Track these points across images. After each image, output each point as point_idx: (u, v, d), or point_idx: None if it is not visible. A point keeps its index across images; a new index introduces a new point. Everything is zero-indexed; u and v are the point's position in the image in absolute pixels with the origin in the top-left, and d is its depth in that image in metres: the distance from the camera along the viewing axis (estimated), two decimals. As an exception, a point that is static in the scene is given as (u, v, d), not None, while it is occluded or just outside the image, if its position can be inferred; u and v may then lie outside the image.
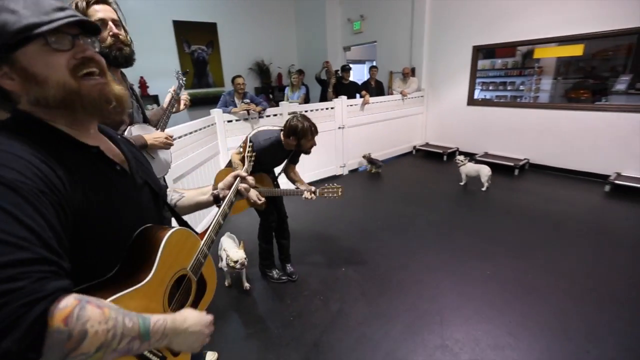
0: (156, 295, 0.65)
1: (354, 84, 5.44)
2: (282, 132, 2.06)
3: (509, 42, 4.76)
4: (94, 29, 0.62)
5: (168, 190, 0.97)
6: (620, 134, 3.89)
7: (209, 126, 3.35)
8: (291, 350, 1.76)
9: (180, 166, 2.66)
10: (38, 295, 0.43)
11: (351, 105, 4.76)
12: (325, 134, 4.50)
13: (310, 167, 4.43)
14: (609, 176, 3.87)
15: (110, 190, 0.64)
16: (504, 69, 6.34)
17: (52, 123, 0.59)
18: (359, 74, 9.74)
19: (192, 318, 0.65)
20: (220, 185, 0.98)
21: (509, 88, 6.35)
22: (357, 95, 5.28)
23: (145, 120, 1.54)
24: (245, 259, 2.09)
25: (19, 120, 0.58)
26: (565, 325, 1.83)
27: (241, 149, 1.85)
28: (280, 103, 4.23)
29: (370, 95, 5.04)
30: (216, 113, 3.47)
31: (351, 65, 5.59)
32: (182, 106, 1.79)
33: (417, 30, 5.63)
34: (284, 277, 2.37)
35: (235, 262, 2.04)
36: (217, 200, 0.97)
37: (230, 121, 3.59)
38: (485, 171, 3.89)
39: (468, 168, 4.05)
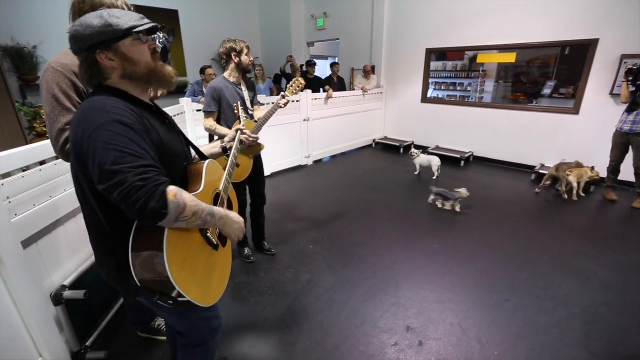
0: (206, 201, 0.98)
1: (318, 78, 5.68)
2: (224, 71, 2.27)
3: (457, 47, 5.30)
4: (154, 30, 0.90)
5: None
6: (544, 131, 4.58)
7: (177, 115, 3.39)
8: (268, 313, 1.98)
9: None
10: (160, 181, 0.77)
11: (316, 99, 5.00)
12: (291, 126, 4.70)
13: (276, 157, 4.61)
14: (535, 167, 4.54)
15: (169, 133, 0.97)
16: (454, 70, 6.99)
17: (128, 92, 0.89)
18: (322, 69, 9.99)
19: (235, 215, 1.04)
20: (227, 139, 1.35)
21: (458, 88, 7.01)
22: (321, 89, 5.54)
23: None
24: None
25: (107, 89, 0.87)
26: (493, 282, 2.26)
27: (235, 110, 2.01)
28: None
29: (334, 90, 5.32)
30: (185, 102, 3.51)
31: (315, 61, 5.80)
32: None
33: (376, 31, 6.01)
34: (252, 257, 2.55)
35: None
36: (224, 150, 1.34)
37: (199, 110, 3.64)
38: (435, 162, 4.36)
39: (421, 159, 4.50)
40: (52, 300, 1.54)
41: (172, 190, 0.78)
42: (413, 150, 4.56)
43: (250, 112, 2.32)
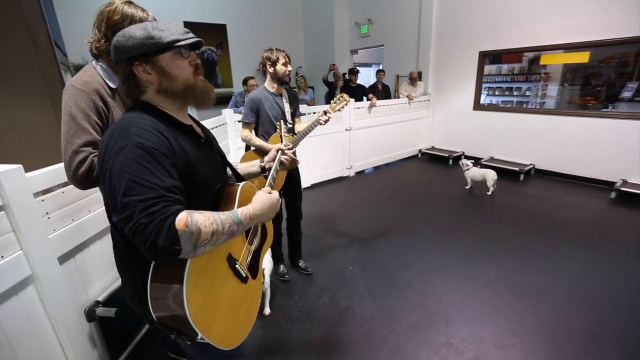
0: None
1: (361, 87, 5.51)
2: (265, 82, 2.21)
3: (516, 49, 4.82)
4: (198, 45, 0.87)
5: None
6: (626, 141, 3.92)
7: (220, 126, 3.42)
8: (301, 342, 1.82)
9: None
10: (167, 214, 0.70)
11: (359, 108, 4.82)
12: (333, 136, 4.57)
13: (317, 168, 4.49)
14: (615, 183, 3.89)
15: (201, 154, 0.90)
16: (511, 74, 6.38)
17: (162, 108, 0.85)
18: (366, 77, 9.80)
19: (264, 200, 0.93)
20: (267, 158, 1.25)
21: (515, 94, 6.37)
22: (365, 98, 5.35)
23: None
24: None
25: (142, 105, 0.84)
26: (569, 327, 1.87)
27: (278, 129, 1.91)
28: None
29: (378, 99, 5.10)
30: (228, 113, 3.55)
31: (359, 69, 5.64)
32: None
33: (424, 35, 5.69)
34: (287, 276, 2.42)
35: None
36: (263, 170, 1.25)
37: (241, 121, 3.65)
38: (491, 176, 3.93)
39: (473, 172, 4.09)
40: (85, 316, 1.53)
41: (182, 219, 0.71)
42: (464, 161, 4.17)
43: (290, 125, 2.23)
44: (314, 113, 4.17)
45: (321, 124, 2.08)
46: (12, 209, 1.20)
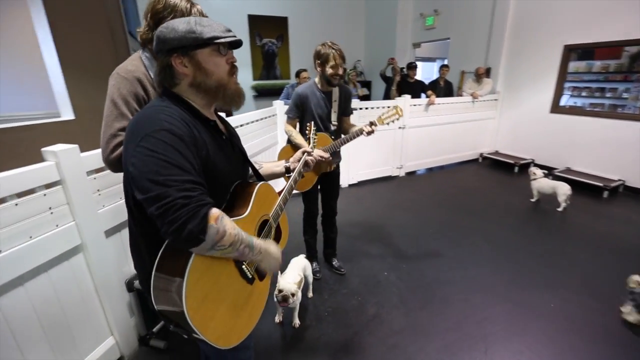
0: (250, 228, 0.93)
1: (420, 82, 5.19)
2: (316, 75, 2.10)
3: (613, 42, 4.08)
4: (237, 44, 0.88)
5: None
6: None
7: (269, 117, 3.48)
8: (321, 344, 1.77)
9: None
10: (204, 202, 0.72)
11: (415, 105, 4.54)
12: (384, 133, 4.37)
13: (365, 165, 4.36)
14: None
15: (221, 150, 0.91)
16: (604, 72, 5.46)
17: (190, 102, 0.87)
18: (428, 72, 9.26)
19: (274, 248, 0.95)
20: (291, 159, 1.26)
21: (608, 95, 5.45)
22: (423, 94, 5.03)
23: None
24: (291, 294, 1.72)
25: (171, 95, 0.86)
26: (647, 383, 1.53)
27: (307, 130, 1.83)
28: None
29: (438, 96, 4.76)
30: (278, 104, 3.59)
31: (418, 63, 5.31)
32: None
33: (497, 27, 5.13)
34: (319, 274, 2.37)
35: (280, 291, 1.72)
36: (287, 170, 1.25)
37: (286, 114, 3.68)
38: (563, 189, 3.41)
39: (541, 183, 3.59)
40: (125, 286, 1.66)
41: (214, 213, 0.73)
42: (533, 169, 3.69)
43: (334, 127, 2.13)
44: (366, 108, 4.04)
45: (364, 135, 1.95)
46: (67, 184, 1.33)
